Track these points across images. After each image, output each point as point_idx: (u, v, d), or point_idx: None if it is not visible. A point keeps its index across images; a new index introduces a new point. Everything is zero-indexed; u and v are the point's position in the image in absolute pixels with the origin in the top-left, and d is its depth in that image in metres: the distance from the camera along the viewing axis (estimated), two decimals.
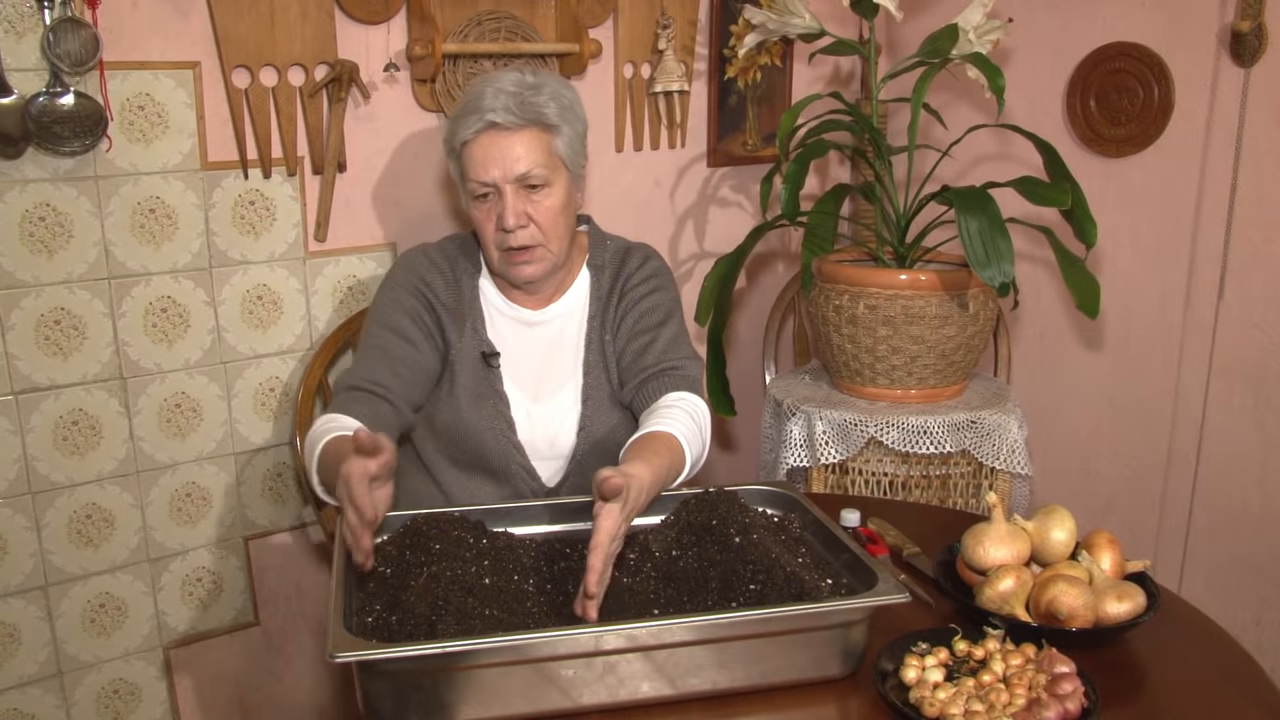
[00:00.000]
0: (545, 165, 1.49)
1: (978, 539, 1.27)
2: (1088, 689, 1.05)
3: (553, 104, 1.50)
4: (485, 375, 1.58)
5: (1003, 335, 2.34)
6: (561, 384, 1.61)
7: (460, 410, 1.57)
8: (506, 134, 1.47)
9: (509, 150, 1.47)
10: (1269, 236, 2.03)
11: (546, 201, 1.51)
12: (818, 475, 1.99)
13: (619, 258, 1.67)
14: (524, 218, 1.49)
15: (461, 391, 1.57)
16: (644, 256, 1.67)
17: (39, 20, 1.54)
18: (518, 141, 1.47)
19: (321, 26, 1.79)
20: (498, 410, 1.58)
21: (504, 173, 1.47)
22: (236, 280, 1.82)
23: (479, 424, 1.57)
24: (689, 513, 1.23)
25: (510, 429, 1.58)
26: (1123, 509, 2.34)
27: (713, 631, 1.06)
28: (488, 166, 1.48)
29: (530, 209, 1.50)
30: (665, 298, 1.64)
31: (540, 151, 1.49)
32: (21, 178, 1.59)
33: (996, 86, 1.79)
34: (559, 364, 1.62)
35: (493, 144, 1.47)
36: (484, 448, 1.57)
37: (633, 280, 1.63)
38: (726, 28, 2.33)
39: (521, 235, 1.50)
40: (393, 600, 1.11)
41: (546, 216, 1.51)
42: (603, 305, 1.63)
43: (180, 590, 1.86)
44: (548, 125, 1.50)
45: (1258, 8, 1.94)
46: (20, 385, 1.65)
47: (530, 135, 1.48)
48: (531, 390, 1.61)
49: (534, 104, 1.48)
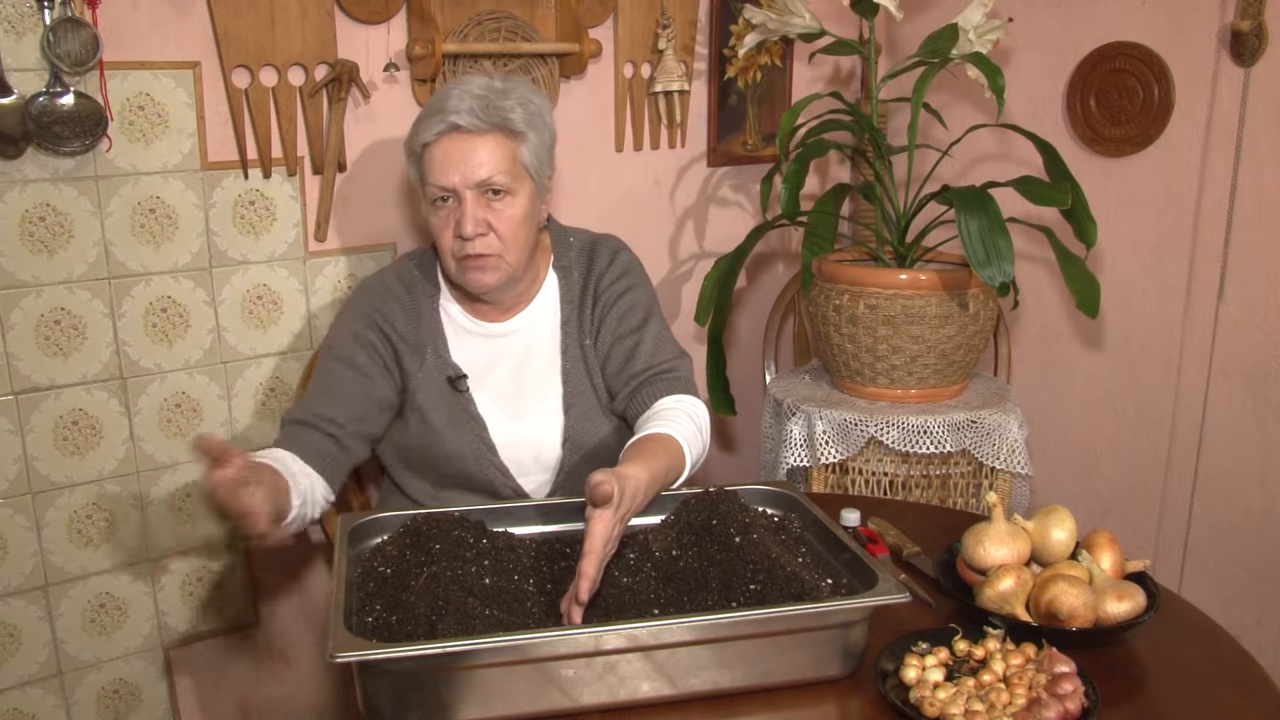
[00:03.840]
0: (508, 173, 1.45)
1: (978, 539, 1.27)
2: (1088, 689, 1.05)
3: (519, 109, 1.46)
4: (456, 400, 1.54)
5: (1003, 335, 2.34)
6: (540, 396, 1.57)
7: (436, 439, 1.53)
8: (469, 138, 1.43)
9: (471, 155, 1.43)
10: (1269, 236, 2.03)
11: (508, 210, 1.46)
12: (818, 475, 1.99)
13: (586, 255, 1.62)
14: (483, 225, 1.45)
15: (435, 421, 1.53)
16: (612, 251, 1.62)
17: (39, 20, 1.54)
18: (480, 146, 1.43)
19: (321, 26, 1.79)
20: (475, 435, 1.54)
21: (464, 178, 1.43)
22: (236, 280, 1.82)
23: (459, 451, 1.53)
24: (689, 513, 1.23)
25: (491, 452, 1.54)
26: (1123, 509, 2.34)
27: (713, 631, 1.06)
28: (448, 170, 1.43)
29: (490, 217, 1.45)
30: (642, 295, 1.60)
31: (504, 158, 1.45)
32: (21, 178, 1.59)
33: (996, 86, 1.79)
34: (535, 376, 1.58)
35: (454, 147, 1.43)
36: (467, 474, 1.54)
37: (605, 280, 1.59)
38: (726, 28, 2.33)
39: (479, 244, 1.45)
40: (393, 600, 1.11)
41: (507, 226, 1.46)
42: (576, 309, 1.59)
43: (180, 590, 1.86)
44: (513, 131, 1.46)
45: (1258, 8, 1.94)
46: (20, 385, 1.65)
47: (494, 141, 1.44)
48: (509, 408, 1.56)
49: (500, 108, 1.44)
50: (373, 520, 1.29)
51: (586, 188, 2.23)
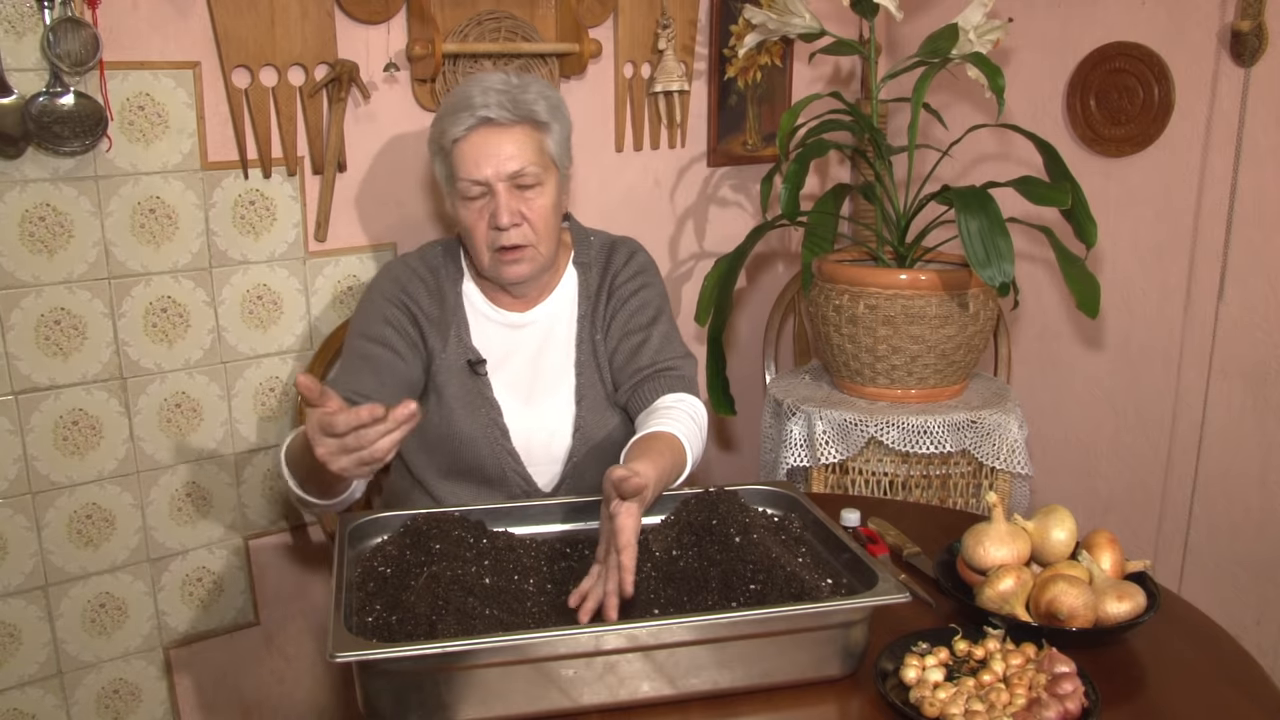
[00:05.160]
0: (537, 164, 1.48)
1: (978, 539, 1.27)
2: (1088, 689, 1.05)
3: (542, 102, 1.49)
4: (474, 384, 1.56)
5: (1003, 335, 2.34)
6: (554, 386, 1.60)
7: (452, 421, 1.54)
8: (499, 131, 1.46)
9: (501, 148, 1.46)
10: (1269, 236, 2.03)
11: (539, 200, 1.49)
12: (818, 475, 1.99)
13: (605, 253, 1.65)
14: (518, 216, 1.48)
15: (452, 402, 1.55)
16: (630, 251, 1.65)
17: (39, 20, 1.54)
18: (510, 139, 1.46)
19: (321, 26, 1.79)
20: (490, 419, 1.56)
21: (497, 170, 1.46)
22: (236, 280, 1.82)
23: (472, 434, 1.54)
24: (689, 513, 1.23)
25: (504, 436, 1.56)
26: (1123, 509, 2.34)
27: (713, 631, 1.06)
28: (480, 164, 1.46)
29: (523, 208, 1.48)
30: (654, 294, 1.63)
31: (532, 150, 1.48)
32: (21, 178, 1.59)
33: (996, 86, 1.79)
34: (550, 366, 1.60)
35: (486, 142, 1.46)
36: (479, 457, 1.55)
37: (620, 277, 1.62)
38: (726, 28, 2.33)
39: (514, 234, 1.48)
40: (393, 600, 1.11)
41: (539, 216, 1.49)
42: (592, 304, 1.61)
43: (180, 590, 1.86)
44: (539, 123, 1.49)
45: (1258, 8, 1.94)
46: (20, 385, 1.65)
47: (522, 133, 1.47)
48: (524, 395, 1.59)
49: (524, 101, 1.47)
50: (372, 520, 1.29)
51: (587, 188, 2.23)
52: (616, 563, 1.09)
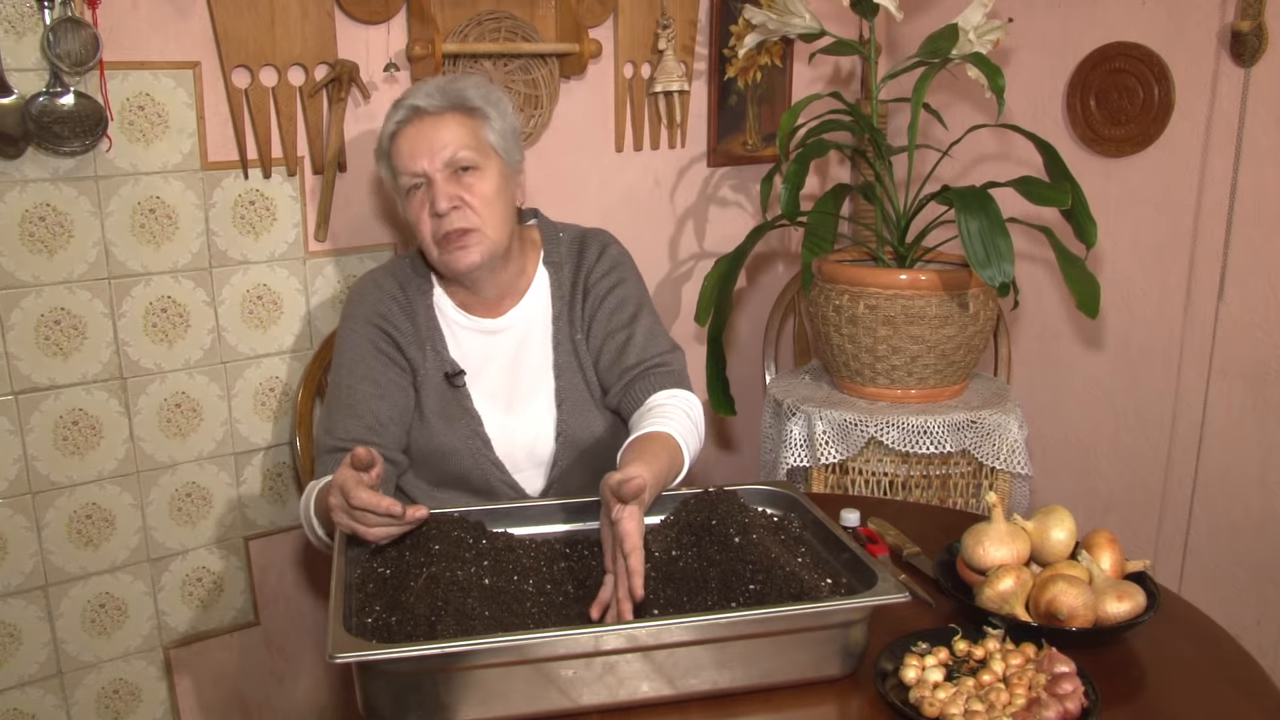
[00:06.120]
0: (473, 148, 1.48)
1: (978, 539, 1.27)
2: (1088, 689, 1.05)
3: (474, 90, 1.51)
4: (453, 396, 1.55)
5: (1003, 335, 2.34)
6: (533, 391, 1.58)
7: (433, 435, 1.54)
8: (431, 120, 1.47)
9: (435, 137, 1.47)
10: (1269, 236, 2.03)
11: (479, 185, 1.48)
12: (818, 475, 1.99)
13: (575, 249, 1.63)
14: (456, 199, 1.47)
15: (432, 417, 1.54)
16: (601, 245, 1.63)
17: (39, 20, 1.54)
18: (443, 128, 1.47)
19: (321, 26, 1.79)
20: (471, 430, 1.55)
21: (431, 160, 1.46)
22: (236, 280, 1.82)
23: (455, 446, 1.54)
24: (689, 513, 1.23)
25: (486, 447, 1.55)
26: (1123, 509, 2.34)
27: (712, 631, 1.06)
28: (416, 156, 1.47)
29: (462, 191, 1.47)
30: (631, 289, 1.61)
31: (467, 135, 1.48)
32: (21, 178, 1.59)
33: (996, 86, 1.79)
34: (528, 370, 1.58)
35: (420, 133, 1.47)
36: (462, 469, 1.55)
37: (594, 274, 1.60)
38: (726, 28, 2.33)
39: (455, 217, 1.47)
40: (392, 601, 1.11)
41: (479, 198, 1.48)
42: (567, 304, 1.59)
43: (180, 590, 1.86)
44: (471, 109, 1.50)
45: (1258, 8, 1.94)
46: (20, 385, 1.65)
47: (455, 120, 1.48)
48: (503, 403, 1.57)
49: (455, 89, 1.50)
50: None
51: (586, 188, 2.23)
52: (625, 567, 1.09)
